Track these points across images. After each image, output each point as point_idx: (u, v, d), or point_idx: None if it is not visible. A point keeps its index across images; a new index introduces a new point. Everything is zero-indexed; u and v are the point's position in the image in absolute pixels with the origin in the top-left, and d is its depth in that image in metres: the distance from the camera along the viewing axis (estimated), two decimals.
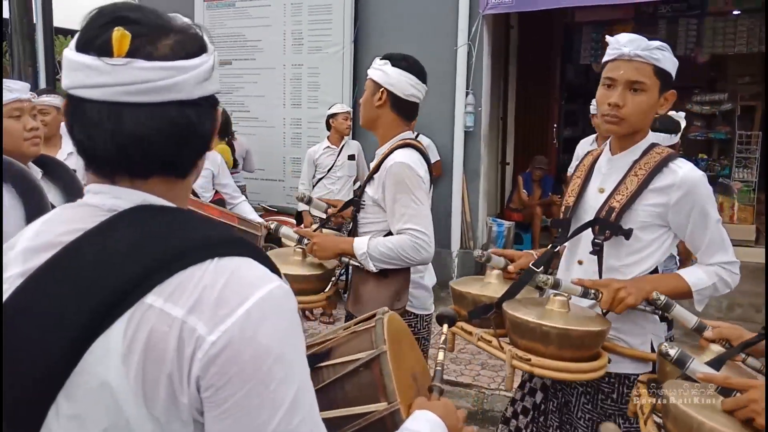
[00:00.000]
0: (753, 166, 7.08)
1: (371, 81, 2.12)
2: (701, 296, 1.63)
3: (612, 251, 1.65)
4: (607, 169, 1.72)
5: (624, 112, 1.59)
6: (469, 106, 5.73)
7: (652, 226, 1.63)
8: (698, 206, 1.58)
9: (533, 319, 1.45)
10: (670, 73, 1.61)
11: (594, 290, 1.54)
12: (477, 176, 5.91)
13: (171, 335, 0.71)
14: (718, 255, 1.63)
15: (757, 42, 6.76)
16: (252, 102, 6.47)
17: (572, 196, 1.78)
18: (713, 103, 7.54)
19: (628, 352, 1.66)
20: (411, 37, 5.94)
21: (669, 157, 1.62)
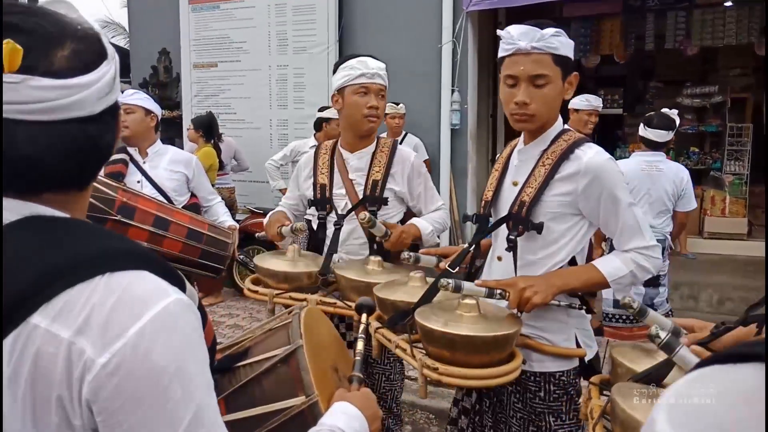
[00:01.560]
0: (744, 158, 7.04)
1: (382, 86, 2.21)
2: (619, 285, 1.58)
3: (527, 246, 1.62)
4: (519, 161, 1.70)
5: (532, 109, 1.55)
6: (455, 104, 5.70)
7: (563, 215, 1.59)
8: (607, 191, 1.54)
9: (438, 327, 1.42)
10: (569, 57, 1.58)
11: (500, 290, 1.50)
12: (465, 174, 5.87)
13: (58, 357, 0.67)
14: (635, 240, 1.58)
15: (747, 33, 6.72)
16: (238, 104, 6.44)
17: (490, 191, 1.75)
18: (704, 95, 7.51)
19: (552, 350, 1.63)
20: (396, 36, 5.91)
21: (575, 143, 1.58)
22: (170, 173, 3.03)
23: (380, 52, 5.91)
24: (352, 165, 2.20)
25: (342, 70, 2.15)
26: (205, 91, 6.63)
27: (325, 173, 2.20)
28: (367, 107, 2.12)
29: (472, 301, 1.51)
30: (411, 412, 3.60)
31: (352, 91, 2.13)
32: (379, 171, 2.17)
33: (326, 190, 2.18)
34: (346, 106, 2.16)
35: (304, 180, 2.29)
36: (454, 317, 1.48)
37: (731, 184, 6.93)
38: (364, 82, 2.12)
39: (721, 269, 5.94)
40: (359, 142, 2.21)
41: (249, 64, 6.39)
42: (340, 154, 2.22)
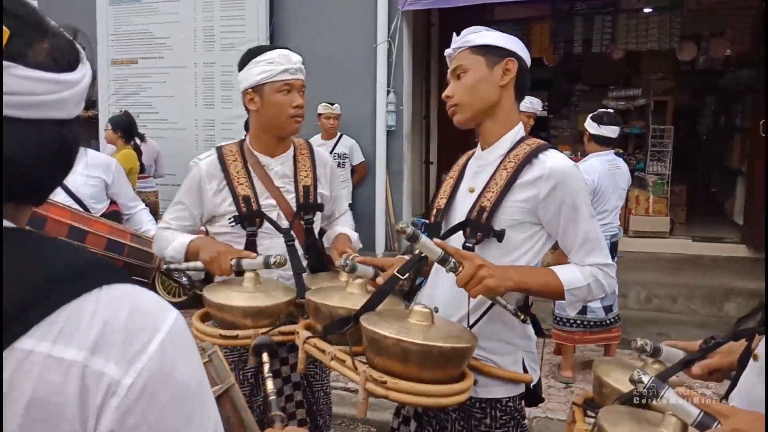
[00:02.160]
0: (666, 159, 7.31)
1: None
2: (574, 297, 1.50)
3: (483, 254, 1.49)
4: (477, 167, 1.62)
5: (455, 99, 1.55)
6: (391, 105, 5.60)
7: (523, 224, 1.51)
8: (569, 200, 1.46)
9: (391, 334, 1.28)
10: (493, 45, 1.54)
11: (455, 260, 1.38)
12: (401, 176, 5.78)
13: (68, 386, 0.57)
14: (593, 255, 1.50)
15: (669, 39, 6.97)
16: (161, 103, 6.09)
17: (443, 198, 1.66)
18: (628, 98, 7.75)
19: (501, 374, 1.53)
20: (329, 34, 5.75)
21: (539, 147, 1.52)
22: (86, 178, 2.76)
23: (313, 49, 5.78)
24: (276, 171, 1.96)
25: (257, 64, 1.86)
26: (125, 89, 6.25)
27: (245, 183, 1.89)
28: (293, 107, 1.88)
29: (425, 310, 1.38)
30: (352, 427, 3.46)
31: (275, 89, 1.86)
32: (307, 176, 2.00)
33: (252, 202, 1.89)
34: (266, 106, 1.88)
35: (213, 194, 1.90)
36: (406, 326, 1.35)
37: (654, 183, 7.18)
38: (287, 78, 1.86)
39: (646, 267, 6.12)
40: (278, 145, 1.98)
41: (172, 60, 6.06)
42: (256, 160, 1.94)
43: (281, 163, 1.98)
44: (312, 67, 5.72)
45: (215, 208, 1.91)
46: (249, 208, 1.88)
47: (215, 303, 1.70)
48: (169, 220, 1.98)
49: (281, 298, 1.75)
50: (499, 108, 1.56)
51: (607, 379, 1.35)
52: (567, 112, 8.97)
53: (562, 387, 3.89)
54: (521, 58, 1.56)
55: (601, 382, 1.37)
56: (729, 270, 5.90)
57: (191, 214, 1.95)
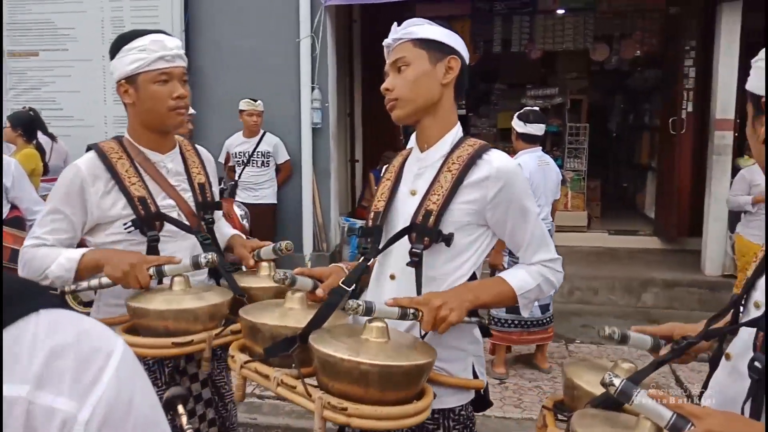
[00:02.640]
0: (582, 156, 7.58)
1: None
2: (526, 300, 1.49)
3: (430, 260, 1.46)
4: (418, 169, 1.56)
5: (395, 93, 1.48)
6: (316, 102, 5.45)
7: (469, 225, 1.47)
8: (516, 199, 1.45)
9: (348, 356, 1.17)
10: (437, 41, 1.48)
11: (413, 310, 1.34)
12: (327, 175, 5.65)
13: (11, 428, 0.50)
14: (541, 252, 1.49)
15: (583, 39, 7.22)
16: (65, 98, 5.64)
17: (381, 201, 1.57)
18: (545, 97, 7.97)
19: (453, 382, 1.48)
20: (250, 28, 5.53)
21: (482, 147, 1.49)
22: None
23: (233, 43, 5.55)
24: (170, 169, 1.79)
25: (129, 53, 1.67)
26: (24, 84, 5.74)
27: (137, 183, 1.68)
28: (173, 98, 1.68)
29: (381, 324, 1.29)
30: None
31: (150, 79, 1.67)
32: (199, 173, 1.85)
33: (149, 203, 1.69)
34: (142, 99, 1.69)
35: (100, 198, 1.66)
36: (361, 344, 1.25)
37: (572, 180, 7.41)
38: (163, 66, 1.67)
39: (566, 260, 6.18)
40: (165, 141, 1.79)
41: (78, 53, 5.62)
42: (145, 158, 1.74)
43: (172, 159, 1.81)
44: (232, 62, 5.56)
45: (103, 214, 1.66)
46: (147, 210, 1.68)
47: (156, 311, 1.51)
48: (43, 235, 1.66)
49: (226, 296, 1.62)
50: (440, 107, 1.51)
51: (578, 381, 1.30)
52: (486, 111, 9.13)
53: (496, 383, 3.90)
54: (463, 57, 1.52)
55: (572, 384, 1.32)
56: (644, 261, 6.17)
57: (71, 224, 1.67)
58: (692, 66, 6.11)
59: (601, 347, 4.52)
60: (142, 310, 1.52)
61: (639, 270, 5.82)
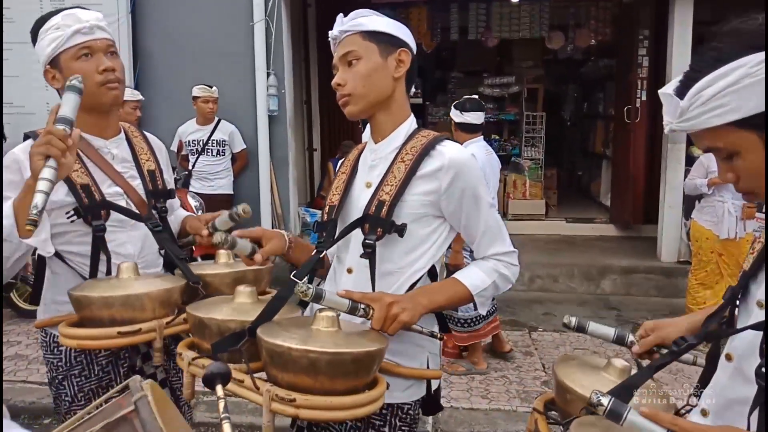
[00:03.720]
0: (539, 144, 7.63)
1: None
2: (483, 298, 1.47)
3: (386, 253, 1.43)
4: (372, 161, 1.52)
5: (348, 88, 1.43)
6: (272, 88, 5.28)
7: (425, 217, 1.44)
8: (469, 189, 1.43)
9: (296, 345, 1.13)
10: (387, 33, 1.43)
11: (364, 305, 1.30)
12: (285, 164, 5.49)
13: None
14: (495, 245, 1.47)
15: (538, 27, 7.23)
16: (4, 84, 5.28)
17: (336, 194, 1.54)
18: (502, 86, 7.98)
19: (411, 372, 1.44)
20: (200, 11, 5.29)
21: (435, 139, 1.46)
22: None
23: (184, 27, 5.30)
24: (115, 155, 1.67)
25: (46, 34, 1.56)
26: None
27: (79, 169, 1.57)
28: (100, 72, 1.55)
29: (331, 314, 1.24)
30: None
31: (71, 56, 1.55)
32: (148, 159, 1.74)
33: (93, 191, 1.57)
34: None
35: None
36: (311, 333, 1.20)
37: (529, 168, 7.45)
38: (82, 41, 1.55)
39: (526, 248, 6.33)
40: (107, 125, 1.66)
41: (15, 35, 5.25)
42: (88, 143, 1.62)
43: (117, 145, 1.69)
44: (182, 46, 5.32)
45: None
46: (91, 198, 1.56)
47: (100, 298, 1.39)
48: None
49: (178, 282, 1.52)
50: (393, 100, 1.47)
51: (571, 385, 1.23)
52: (443, 99, 9.09)
53: (461, 376, 3.85)
54: (412, 48, 1.47)
55: (564, 387, 1.25)
56: (601, 249, 6.25)
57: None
58: (645, 55, 6.19)
59: (564, 335, 4.54)
60: (86, 299, 1.41)
61: (597, 257, 5.89)
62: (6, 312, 4.70)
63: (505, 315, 4.96)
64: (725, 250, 4.63)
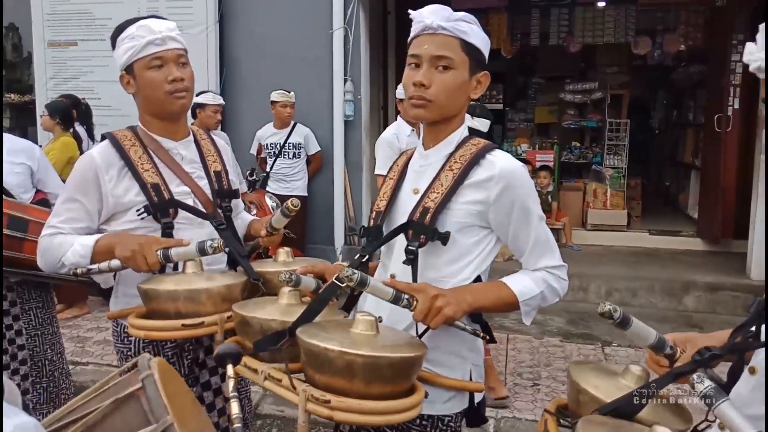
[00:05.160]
0: (622, 152, 7.35)
1: None
2: (529, 307, 1.42)
3: (428, 261, 1.41)
4: (420, 166, 1.50)
5: (431, 93, 1.38)
6: (348, 94, 5.40)
7: (471, 227, 1.41)
8: (519, 201, 1.40)
9: (334, 347, 1.14)
10: (480, 50, 1.41)
11: (408, 296, 1.28)
12: (359, 168, 5.59)
13: None
14: (545, 258, 1.44)
15: (624, 32, 6.99)
16: (103, 88, 5.70)
17: (383, 200, 1.52)
18: (584, 92, 7.75)
19: (451, 383, 1.42)
20: (282, 18, 5.50)
21: (486, 147, 1.43)
22: (11, 166, 2.50)
23: (266, 33, 5.52)
24: (184, 156, 1.76)
25: (122, 43, 1.69)
26: (63, 74, 5.83)
27: (150, 169, 1.66)
28: (169, 81, 1.65)
29: (369, 318, 1.25)
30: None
31: (144, 65, 1.66)
32: (215, 161, 1.82)
33: (162, 190, 1.67)
34: (141, 87, 1.69)
35: (113, 185, 1.64)
36: (350, 337, 1.21)
37: (611, 177, 7.20)
38: (154, 51, 1.65)
39: (605, 260, 6.12)
40: (177, 128, 1.77)
41: None
42: (158, 144, 1.72)
43: (186, 147, 1.79)
44: (265, 52, 5.54)
45: (118, 201, 1.65)
46: (161, 197, 1.66)
47: (166, 291, 1.48)
48: (59, 224, 1.66)
49: (239, 278, 1.59)
50: (459, 115, 1.48)
51: (585, 386, 1.21)
52: (524, 105, 8.95)
53: (528, 385, 3.78)
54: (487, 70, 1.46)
55: (577, 388, 1.22)
56: (686, 263, 5.95)
57: (87, 212, 1.66)
58: (739, 61, 5.84)
59: (639, 351, 4.36)
60: (153, 292, 1.50)
61: (680, 272, 5.60)
62: (98, 300, 5.06)
63: (579, 328, 4.83)
64: None
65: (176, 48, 1.69)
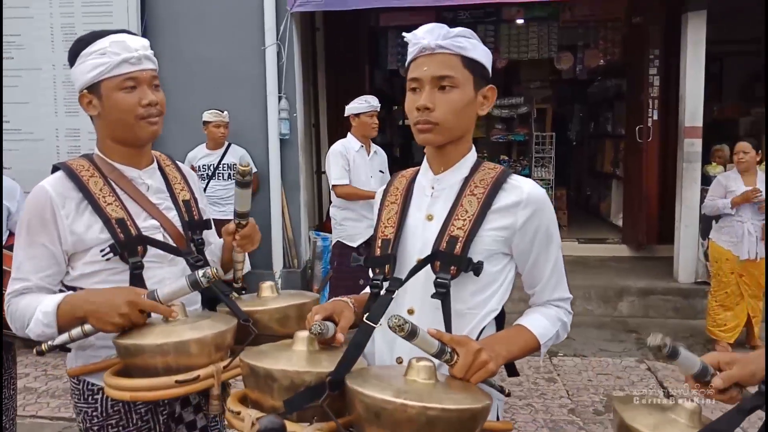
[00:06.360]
0: (549, 165, 7.57)
1: None
2: (545, 348, 1.38)
3: (457, 292, 1.31)
4: (433, 192, 1.40)
5: (436, 116, 1.30)
6: (284, 112, 5.24)
7: (497, 255, 1.34)
8: (544, 227, 1.34)
9: (413, 402, 1.00)
10: (483, 65, 1.34)
11: (450, 349, 1.18)
12: (297, 187, 5.43)
13: None
14: (559, 290, 1.40)
15: (547, 48, 7.22)
16: (12, 110, 5.23)
17: (390, 226, 1.41)
18: (511, 106, 7.95)
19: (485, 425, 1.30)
20: (212, 35, 5.27)
21: (505, 172, 1.38)
22: None
23: (194, 51, 5.27)
24: (150, 186, 1.57)
25: (88, 58, 1.46)
26: None
27: (113, 202, 1.47)
28: (143, 105, 1.47)
29: (428, 364, 1.12)
30: None
31: (114, 86, 1.45)
32: (183, 189, 1.64)
33: (128, 225, 1.47)
34: (108, 110, 1.47)
35: (71, 222, 1.44)
36: (408, 386, 1.08)
37: None
38: (128, 71, 1.45)
39: None
40: (141, 154, 1.57)
41: (25, 62, 5.25)
42: (121, 174, 1.53)
43: (151, 175, 1.60)
44: (194, 70, 5.28)
45: (78, 240, 1.44)
46: (127, 234, 1.45)
47: (153, 345, 1.28)
48: (24, 277, 1.43)
49: (230, 322, 1.40)
50: (467, 134, 1.39)
51: (638, 427, 1.13)
52: None
53: None
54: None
55: (628, 428, 1.15)
56: (616, 270, 6.16)
57: (52, 255, 1.44)
58: (656, 74, 6.17)
59: (585, 360, 4.44)
60: (136, 348, 1.30)
61: (613, 279, 5.79)
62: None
63: None
64: (746, 271, 4.55)
65: (151, 69, 1.50)
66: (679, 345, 1.11)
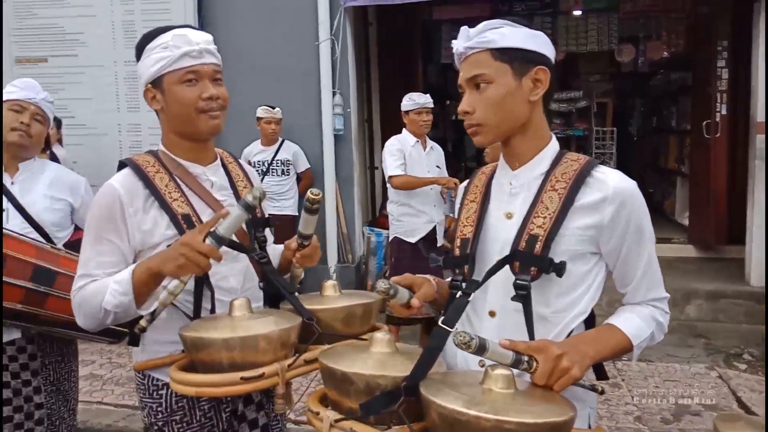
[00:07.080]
0: (610, 161, 7.31)
1: None
2: (639, 350, 1.30)
3: (539, 295, 1.24)
4: (511, 188, 1.34)
5: (477, 117, 1.28)
6: (338, 108, 5.20)
7: (583, 255, 1.26)
8: (634, 222, 1.25)
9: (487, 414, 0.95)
10: (522, 49, 1.25)
11: (528, 357, 1.11)
12: (350, 183, 5.39)
13: None
14: (655, 290, 1.32)
15: (607, 41, 6.97)
16: (77, 106, 5.39)
17: (469, 226, 1.36)
18: (569, 101, 7.72)
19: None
20: (266, 29, 5.28)
21: (590, 163, 1.27)
22: (51, 201, 2.15)
23: (249, 46, 5.28)
24: (214, 182, 1.57)
25: (151, 53, 1.46)
26: None
27: (179, 198, 1.47)
28: (203, 99, 1.45)
29: (506, 372, 1.05)
30: None
31: (176, 79, 1.44)
32: (245, 186, 1.62)
33: (194, 221, 1.46)
34: (169, 104, 1.46)
35: (139, 218, 1.44)
36: (484, 396, 1.02)
37: None
38: (190, 64, 1.44)
39: None
40: (205, 150, 1.57)
41: (89, 59, 5.39)
42: (186, 171, 1.52)
43: (214, 172, 1.58)
44: (248, 66, 5.29)
45: (145, 237, 1.44)
46: (191, 228, 1.44)
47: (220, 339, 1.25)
48: (92, 270, 1.43)
49: (294, 320, 1.35)
50: (530, 124, 1.29)
51: None
52: None
53: None
54: (551, 61, 1.29)
55: None
56: (682, 271, 5.88)
57: (121, 252, 1.44)
58: (725, 67, 5.85)
59: (651, 365, 4.24)
60: (202, 341, 1.26)
61: (679, 281, 5.52)
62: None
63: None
64: None
65: (213, 63, 1.47)
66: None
